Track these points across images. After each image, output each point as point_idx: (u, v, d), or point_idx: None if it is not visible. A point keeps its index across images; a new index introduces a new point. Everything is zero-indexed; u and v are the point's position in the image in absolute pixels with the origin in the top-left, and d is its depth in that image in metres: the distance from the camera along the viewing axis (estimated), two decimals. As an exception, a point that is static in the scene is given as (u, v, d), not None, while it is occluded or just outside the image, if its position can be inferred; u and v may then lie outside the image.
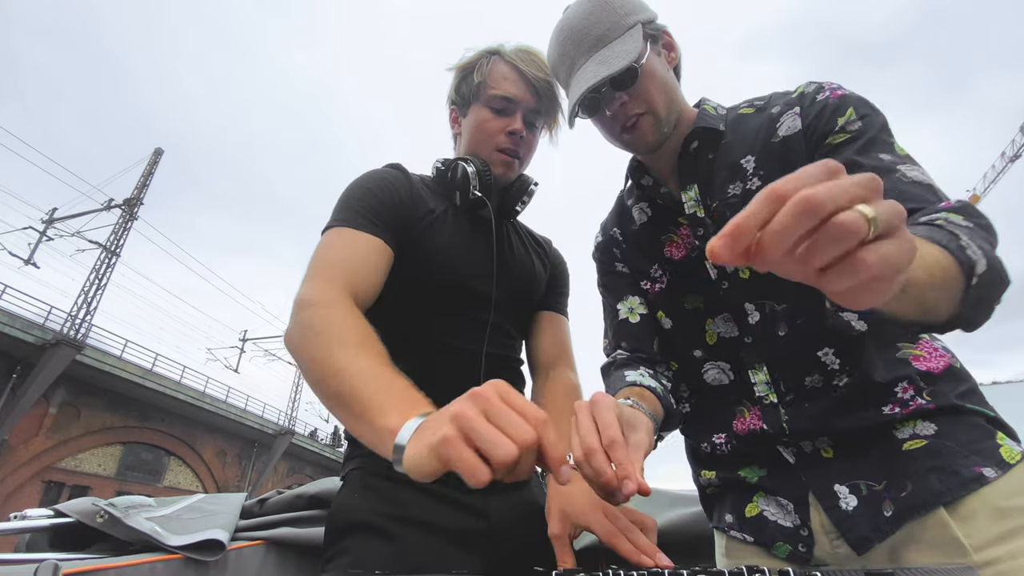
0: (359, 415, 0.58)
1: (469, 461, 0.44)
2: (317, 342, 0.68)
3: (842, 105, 0.79)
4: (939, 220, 0.61)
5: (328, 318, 0.72)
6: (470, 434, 0.45)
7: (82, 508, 0.92)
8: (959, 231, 0.57)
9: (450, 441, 0.45)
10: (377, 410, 0.56)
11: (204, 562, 0.95)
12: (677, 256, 0.92)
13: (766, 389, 0.81)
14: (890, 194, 0.69)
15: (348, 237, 0.87)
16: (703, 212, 0.87)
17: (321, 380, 0.65)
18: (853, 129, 0.77)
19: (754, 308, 0.83)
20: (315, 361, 0.67)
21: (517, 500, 0.95)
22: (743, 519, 0.83)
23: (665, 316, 0.95)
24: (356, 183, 0.98)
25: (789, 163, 0.81)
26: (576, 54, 0.86)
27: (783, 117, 0.84)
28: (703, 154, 0.89)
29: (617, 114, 0.86)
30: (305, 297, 0.76)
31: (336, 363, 0.64)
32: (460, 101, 1.09)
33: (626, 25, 0.85)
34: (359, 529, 0.84)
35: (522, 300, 1.09)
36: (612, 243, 1.05)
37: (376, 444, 0.56)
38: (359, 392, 0.60)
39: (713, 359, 0.89)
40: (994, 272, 0.56)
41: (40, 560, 0.76)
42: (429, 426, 0.49)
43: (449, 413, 0.48)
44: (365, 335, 0.70)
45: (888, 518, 0.69)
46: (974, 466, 0.68)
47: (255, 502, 1.11)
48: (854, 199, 0.35)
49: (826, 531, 0.74)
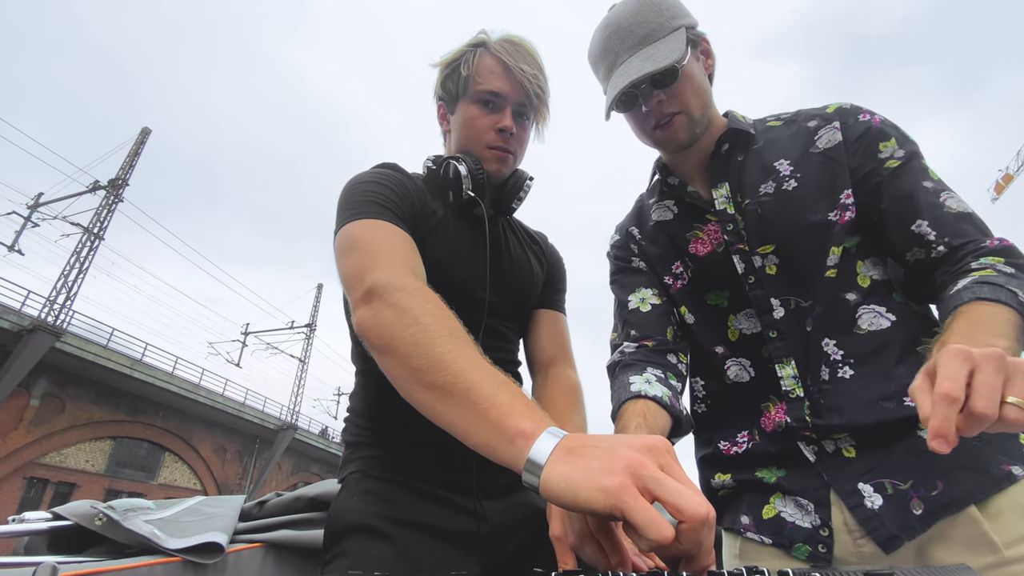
0: (480, 412, 0.55)
1: (653, 516, 0.42)
2: (418, 328, 0.64)
3: (884, 132, 0.86)
4: (988, 270, 0.71)
5: (422, 301, 0.68)
6: (652, 487, 0.43)
7: (80, 511, 0.92)
8: (1014, 286, 0.67)
9: (628, 490, 0.43)
10: (504, 410, 0.53)
11: (203, 565, 0.95)
12: (702, 252, 0.94)
13: (793, 383, 0.84)
14: (943, 224, 0.78)
15: (382, 228, 0.84)
16: (733, 209, 0.91)
17: (426, 369, 0.60)
18: (900, 156, 0.84)
19: (779, 304, 0.86)
20: (418, 346, 0.62)
21: (515, 502, 0.95)
22: (760, 521, 0.84)
23: (688, 312, 0.98)
24: (363, 180, 0.94)
25: (830, 171, 0.87)
26: (620, 49, 0.89)
27: (821, 131, 0.90)
28: (734, 155, 0.94)
29: (653, 111, 0.90)
30: (384, 281, 0.71)
31: (443, 352, 0.60)
32: (447, 97, 1.06)
33: (671, 27, 0.88)
34: (358, 531, 0.84)
35: (519, 301, 1.08)
36: (630, 239, 1.08)
37: (495, 444, 0.53)
38: (479, 387, 0.56)
39: (735, 355, 0.91)
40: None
41: (38, 563, 0.76)
42: (588, 459, 0.46)
43: (621, 457, 0.45)
44: (459, 324, 0.66)
45: (918, 516, 0.71)
46: (1003, 464, 0.70)
47: (254, 504, 1.11)
48: (1002, 390, 0.50)
49: (849, 530, 0.75)
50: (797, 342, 0.84)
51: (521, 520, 0.92)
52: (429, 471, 0.92)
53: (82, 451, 15.41)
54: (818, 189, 0.86)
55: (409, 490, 0.90)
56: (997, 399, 0.49)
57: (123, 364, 15.61)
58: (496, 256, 1.04)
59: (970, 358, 0.52)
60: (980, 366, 0.51)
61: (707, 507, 0.43)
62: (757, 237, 0.88)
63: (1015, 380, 0.50)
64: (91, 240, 17.08)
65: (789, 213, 0.86)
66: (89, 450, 15.61)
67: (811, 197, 0.86)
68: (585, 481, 0.44)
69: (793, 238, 0.86)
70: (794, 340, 0.84)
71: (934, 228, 0.79)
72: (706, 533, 0.44)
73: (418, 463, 0.92)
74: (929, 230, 0.79)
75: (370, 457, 0.95)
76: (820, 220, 0.85)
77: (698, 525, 0.42)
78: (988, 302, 0.65)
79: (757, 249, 0.88)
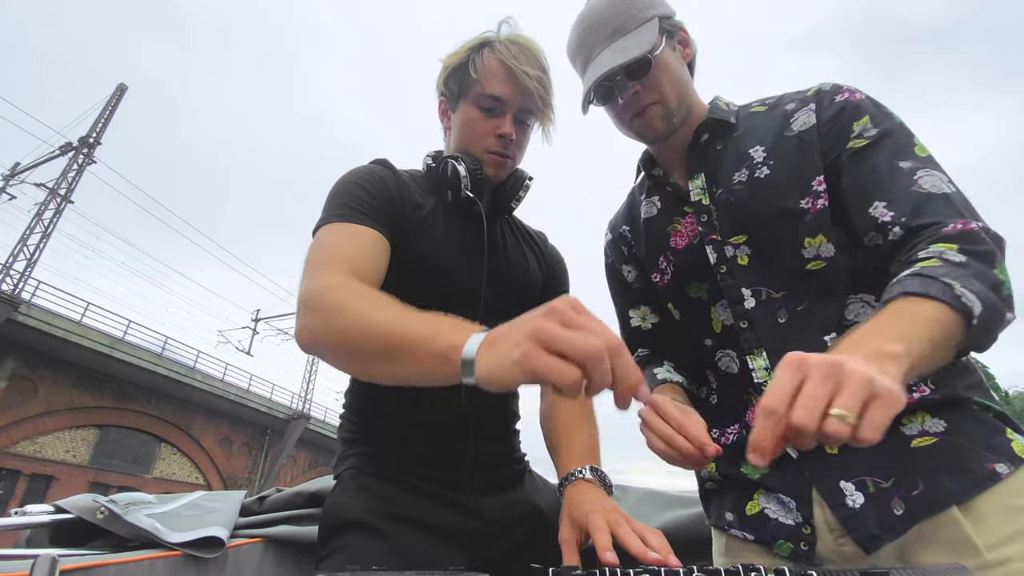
0: (414, 352, 0.58)
1: (557, 366, 0.46)
2: (344, 313, 0.66)
3: (859, 110, 0.81)
4: (933, 260, 0.65)
5: (346, 291, 0.71)
6: (551, 343, 0.47)
7: (82, 504, 0.92)
8: (953, 278, 0.60)
9: (533, 353, 0.47)
10: (434, 337, 0.56)
11: (203, 559, 0.96)
12: (680, 245, 0.94)
13: (765, 375, 0.82)
14: (904, 205, 0.73)
15: (342, 230, 0.85)
16: (708, 199, 0.90)
17: (361, 341, 0.63)
18: (870, 135, 0.79)
19: (751, 294, 0.85)
20: (348, 329, 0.65)
21: (510, 499, 0.96)
22: (743, 517, 0.84)
23: (674, 307, 0.98)
24: (343, 180, 0.95)
25: (802, 156, 0.83)
26: (594, 43, 0.90)
27: (797, 113, 0.86)
28: (712, 145, 0.93)
29: (629, 102, 0.90)
30: (311, 287, 0.73)
31: (374, 319, 0.63)
32: (449, 95, 1.05)
33: (643, 18, 0.88)
34: (353, 527, 0.84)
35: (517, 298, 1.08)
36: (621, 240, 1.08)
37: (441, 369, 0.55)
38: (411, 331, 0.59)
39: (722, 347, 0.91)
40: (991, 311, 0.60)
41: (37, 555, 0.76)
42: (502, 341, 0.50)
43: (524, 328, 0.49)
44: (381, 295, 0.69)
45: (899, 517, 0.68)
46: (987, 462, 0.68)
47: (254, 500, 1.12)
48: (827, 403, 0.47)
49: (831, 528, 0.74)
50: (767, 333, 0.83)
51: (516, 516, 0.94)
52: (424, 467, 0.92)
53: (61, 440, 13.88)
54: (789, 175, 0.83)
55: (403, 486, 0.90)
56: (817, 410, 0.47)
57: (101, 343, 13.94)
58: (492, 254, 1.03)
59: (801, 367, 0.50)
60: (809, 375, 0.49)
61: (599, 343, 0.46)
62: (728, 227, 0.87)
63: (844, 390, 0.47)
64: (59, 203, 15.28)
65: (760, 201, 0.84)
66: (70, 439, 14.08)
67: (782, 184, 0.83)
68: (501, 360, 0.49)
69: (763, 227, 0.84)
70: (764, 331, 0.83)
71: (892, 209, 0.74)
72: (613, 363, 0.47)
73: (413, 459, 0.93)
74: (885, 211, 0.74)
75: (365, 454, 0.95)
76: (790, 208, 0.82)
77: (592, 360, 0.46)
78: (914, 297, 0.60)
79: (730, 239, 0.87)
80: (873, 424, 0.46)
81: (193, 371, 16.41)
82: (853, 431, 0.46)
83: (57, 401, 13.79)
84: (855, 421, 0.46)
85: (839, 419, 0.46)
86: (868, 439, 0.46)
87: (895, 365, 0.51)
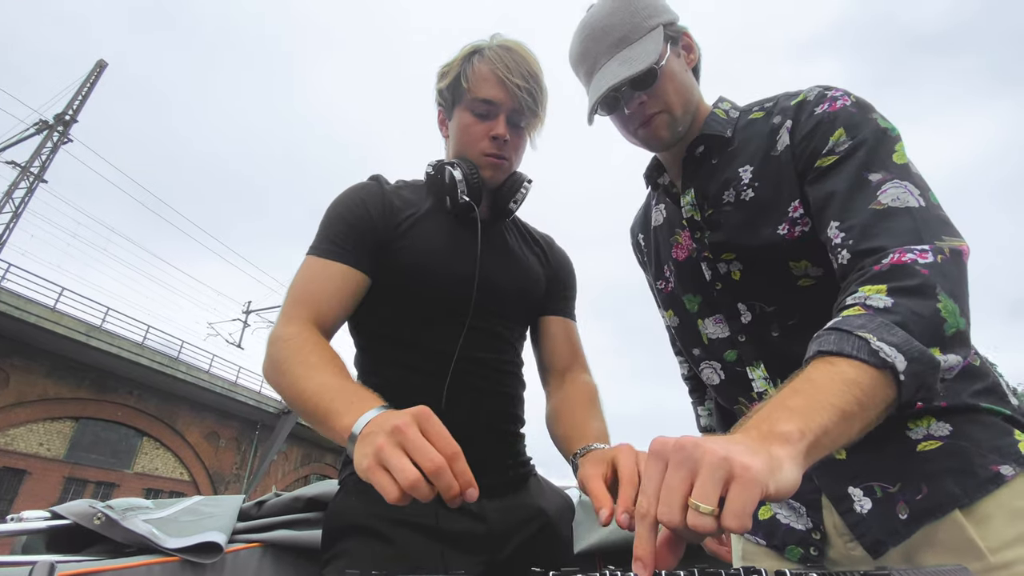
0: (322, 424, 0.70)
1: (401, 461, 0.56)
2: (284, 370, 0.79)
3: (836, 122, 0.77)
4: (855, 307, 0.60)
5: (291, 348, 0.82)
6: (401, 443, 0.57)
7: (79, 510, 0.91)
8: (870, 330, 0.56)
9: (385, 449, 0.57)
10: (335, 414, 0.67)
11: (201, 564, 0.95)
12: (681, 257, 0.95)
13: (765, 384, 0.83)
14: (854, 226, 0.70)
15: (316, 268, 0.94)
16: (699, 216, 0.90)
17: (292, 402, 0.76)
18: (842, 150, 0.76)
19: (746, 308, 0.86)
20: (284, 388, 0.78)
21: (515, 503, 0.96)
22: (756, 522, 0.84)
23: (673, 315, 1.00)
24: (331, 206, 1.02)
25: (783, 179, 0.81)
26: (598, 53, 0.89)
27: (781, 129, 0.84)
28: (707, 159, 0.92)
29: (635, 112, 0.89)
30: (274, 334, 0.86)
31: (301, 384, 0.75)
32: (445, 104, 1.09)
33: (648, 27, 0.87)
34: (357, 531, 0.85)
35: (519, 301, 1.09)
36: (637, 248, 1.12)
37: (341, 442, 0.66)
38: (322, 403, 0.71)
39: (708, 358, 0.93)
40: (919, 363, 0.55)
41: (34, 562, 0.76)
42: (366, 439, 0.60)
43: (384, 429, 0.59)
44: (324, 357, 0.80)
45: (903, 521, 0.68)
46: (991, 465, 0.66)
47: (253, 504, 1.12)
48: (686, 492, 0.44)
49: (840, 533, 0.74)
50: (763, 347, 0.84)
51: (520, 521, 0.94)
52: None
53: (34, 433, 13.36)
54: (770, 200, 0.82)
55: None
56: (676, 503, 0.44)
57: (78, 330, 13.26)
58: (491, 257, 1.04)
59: (662, 455, 0.47)
60: (669, 462, 0.46)
61: (440, 459, 0.56)
62: (718, 248, 0.87)
63: (699, 475, 0.44)
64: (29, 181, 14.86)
65: (744, 226, 0.84)
66: (44, 432, 13.56)
67: (765, 208, 0.82)
68: (362, 454, 0.59)
69: (751, 250, 0.84)
70: (760, 345, 0.84)
71: (843, 230, 0.70)
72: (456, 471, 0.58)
73: None
74: (837, 232, 0.70)
75: None
76: (769, 236, 0.81)
77: (433, 473, 0.56)
78: (829, 357, 0.56)
79: (721, 256, 0.88)
80: (734, 511, 0.42)
81: (176, 362, 15.85)
82: (716, 521, 0.42)
83: (29, 391, 13.25)
84: (711, 511, 0.42)
85: (693, 511, 0.43)
86: (732, 528, 0.41)
87: (786, 447, 0.47)
